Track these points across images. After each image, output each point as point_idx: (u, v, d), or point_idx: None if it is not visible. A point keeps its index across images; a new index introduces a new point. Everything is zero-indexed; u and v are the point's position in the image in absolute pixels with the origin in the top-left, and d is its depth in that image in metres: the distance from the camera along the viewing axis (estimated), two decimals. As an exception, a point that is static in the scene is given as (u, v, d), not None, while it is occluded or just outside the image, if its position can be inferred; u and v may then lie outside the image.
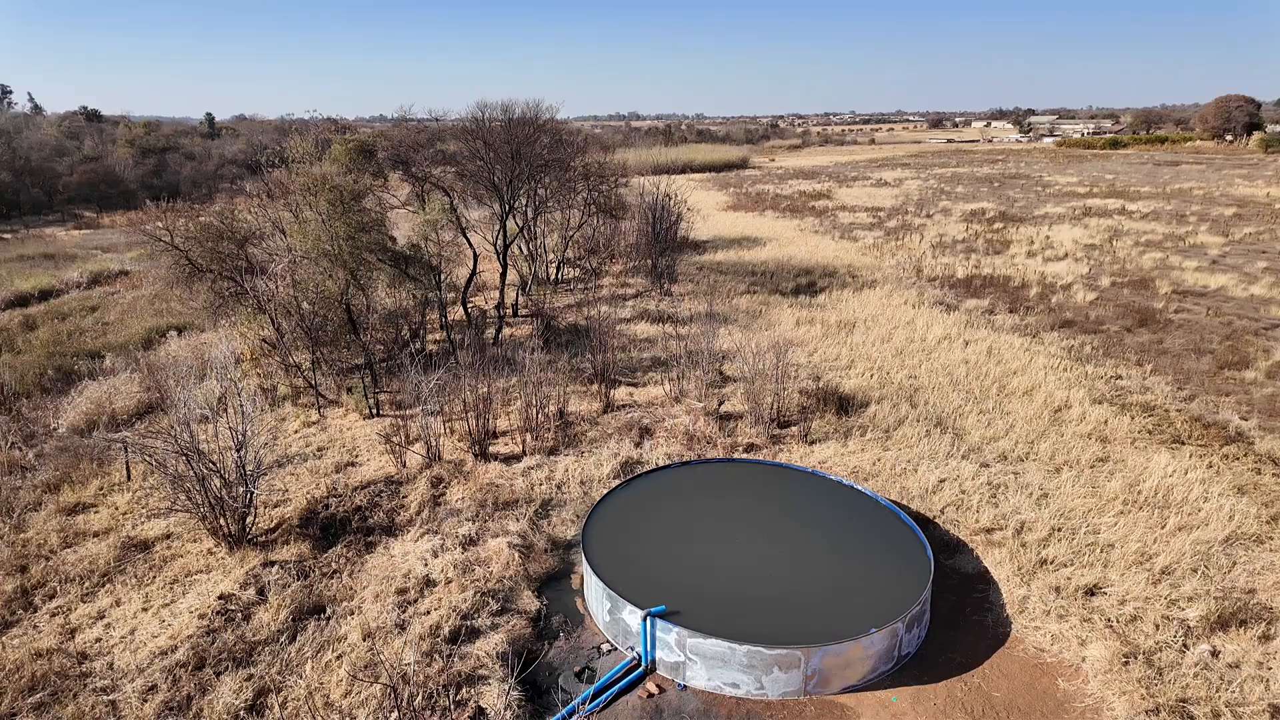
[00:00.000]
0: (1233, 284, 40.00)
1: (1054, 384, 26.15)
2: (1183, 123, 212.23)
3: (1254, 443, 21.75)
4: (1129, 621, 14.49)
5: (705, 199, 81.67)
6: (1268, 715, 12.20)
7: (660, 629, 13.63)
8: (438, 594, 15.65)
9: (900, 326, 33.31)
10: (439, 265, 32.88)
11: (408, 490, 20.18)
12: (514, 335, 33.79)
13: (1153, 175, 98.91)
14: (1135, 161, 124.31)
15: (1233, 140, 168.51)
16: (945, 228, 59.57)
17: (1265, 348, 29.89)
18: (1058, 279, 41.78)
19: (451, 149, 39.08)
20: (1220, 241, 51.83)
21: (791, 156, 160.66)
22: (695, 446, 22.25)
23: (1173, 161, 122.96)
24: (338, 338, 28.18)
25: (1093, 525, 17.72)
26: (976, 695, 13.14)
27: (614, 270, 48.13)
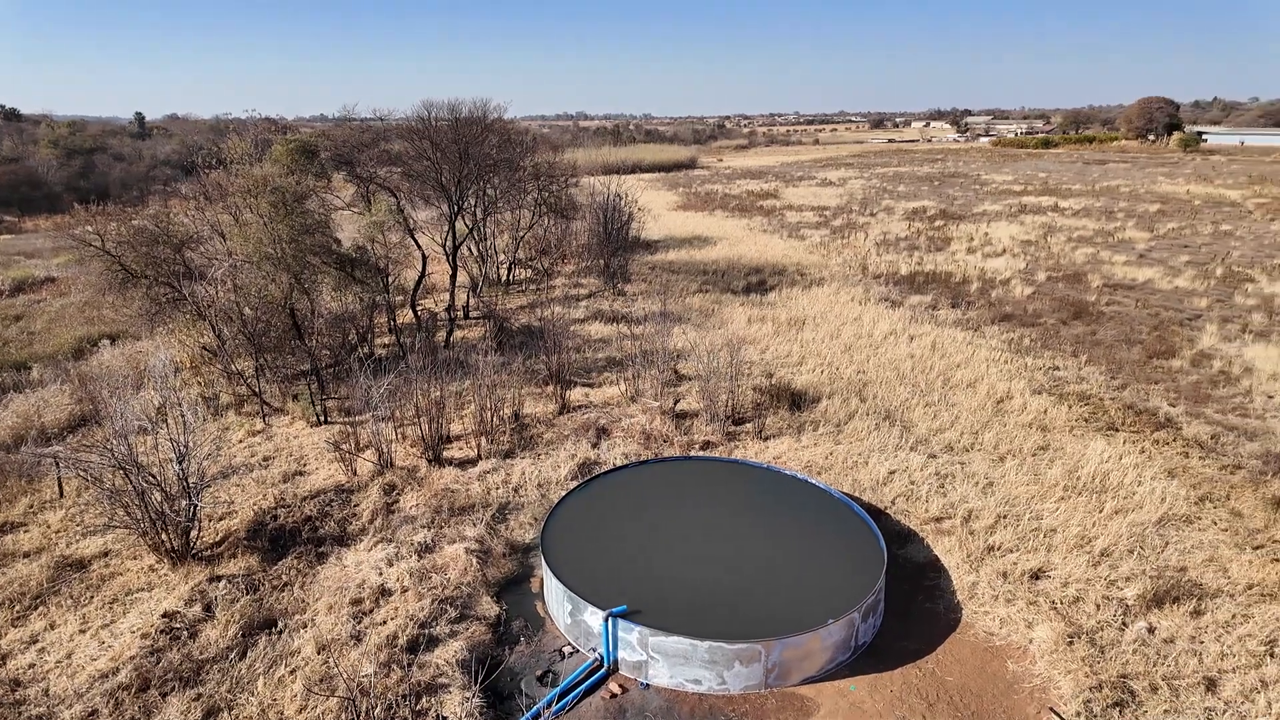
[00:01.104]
0: (1159, 277, 41.96)
1: (995, 376, 27.03)
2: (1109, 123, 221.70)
3: (1181, 428, 22.86)
4: (1072, 603, 15.08)
5: (655, 199, 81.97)
6: (1202, 687, 12.85)
7: (622, 629, 13.64)
8: (394, 603, 15.36)
9: (848, 323, 33.99)
10: (386, 267, 32.27)
11: (359, 498, 19.75)
12: (466, 338, 33.36)
13: (1082, 174, 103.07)
14: (1066, 160, 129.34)
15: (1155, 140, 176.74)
16: (889, 226, 61.01)
17: (1189, 337, 31.44)
18: (997, 274, 43.19)
19: (397, 149, 38.33)
20: (1146, 237, 54.30)
21: (739, 157, 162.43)
22: (652, 445, 22.32)
23: (1100, 160, 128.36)
24: (282, 343, 27.39)
25: (1036, 511, 18.37)
26: (931, 680, 13.51)
27: (566, 271, 47.94)
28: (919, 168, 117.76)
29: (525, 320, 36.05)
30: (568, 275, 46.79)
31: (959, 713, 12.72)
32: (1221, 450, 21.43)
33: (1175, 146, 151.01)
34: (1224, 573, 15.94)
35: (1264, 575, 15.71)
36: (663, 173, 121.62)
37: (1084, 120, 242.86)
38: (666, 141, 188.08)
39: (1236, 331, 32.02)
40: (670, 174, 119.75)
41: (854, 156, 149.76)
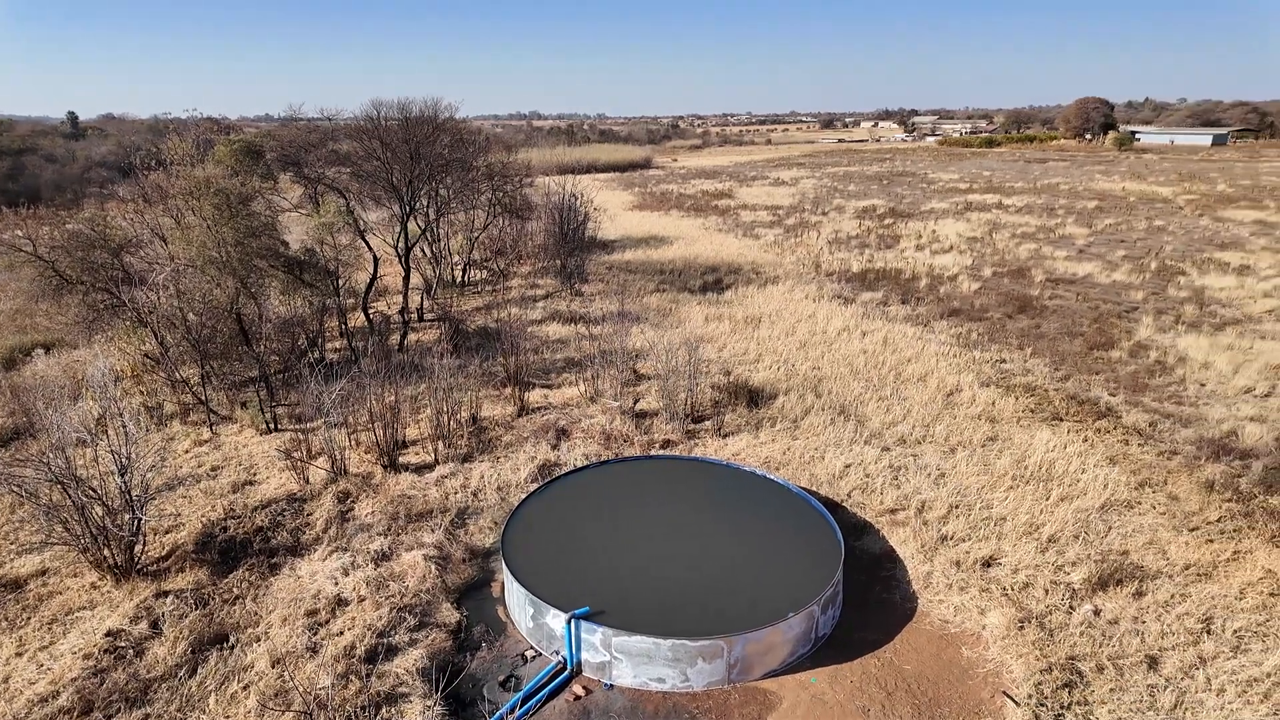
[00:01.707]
0: (1098, 271, 43.52)
1: (945, 369, 27.71)
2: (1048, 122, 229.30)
3: (1121, 416, 23.75)
4: (1022, 589, 15.54)
5: (611, 199, 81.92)
6: (1145, 665, 13.37)
7: (585, 630, 13.60)
8: (351, 613, 15.05)
9: (803, 320, 34.47)
10: (337, 270, 31.60)
11: (313, 507, 19.30)
12: (420, 340, 32.87)
13: (1024, 172, 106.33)
14: (1009, 159, 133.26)
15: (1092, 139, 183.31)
16: (840, 224, 62.04)
17: (1127, 329, 32.69)
18: (945, 270, 44.27)
19: (346, 149, 37.56)
20: (1085, 232, 56.27)
21: (693, 156, 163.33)
22: (613, 445, 22.30)
23: (1041, 159, 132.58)
24: (229, 349, 26.61)
25: (986, 501, 18.89)
26: (889, 669, 13.78)
27: (522, 271, 47.58)
28: (868, 167, 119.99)
29: (481, 322, 35.68)
30: (524, 276, 46.46)
31: (917, 700, 13.01)
32: (1159, 437, 22.32)
33: (1111, 145, 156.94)
34: (1163, 555, 16.61)
35: (1199, 556, 16.42)
36: (618, 172, 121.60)
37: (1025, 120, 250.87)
38: (621, 141, 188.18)
39: (1170, 323, 33.39)
40: (625, 174, 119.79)
41: (805, 156, 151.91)
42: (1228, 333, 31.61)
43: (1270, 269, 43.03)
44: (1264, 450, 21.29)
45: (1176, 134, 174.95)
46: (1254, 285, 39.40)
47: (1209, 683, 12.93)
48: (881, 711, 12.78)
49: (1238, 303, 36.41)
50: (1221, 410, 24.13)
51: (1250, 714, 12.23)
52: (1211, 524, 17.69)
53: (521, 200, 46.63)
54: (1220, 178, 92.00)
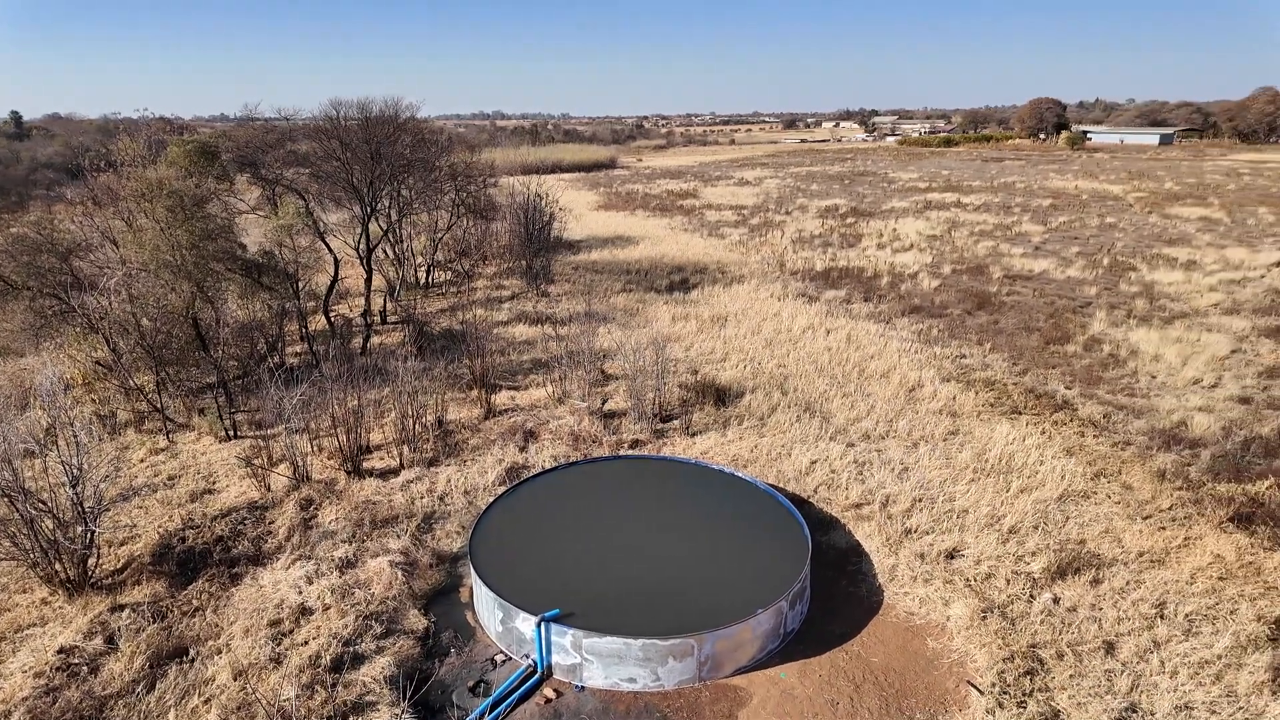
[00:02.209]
0: (1053, 267, 44.64)
1: (907, 365, 28.17)
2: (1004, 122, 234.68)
3: (1077, 409, 24.39)
4: (984, 579, 15.87)
5: (577, 199, 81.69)
6: (1102, 651, 13.75)
7: (555, 632, 13.54)
8: (315, 622, 14.78)
9: (768, 318, 34.76)
10: (296, 272, 31.01)
11: (274, 515, 18.91)
12: (384, 343, 32.41)
13: (981, 171, 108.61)
14: (966, 158, 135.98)
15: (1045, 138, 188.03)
16: (803, 224, 62.71)
17: (1082, 324, 33.59)
18: (905, 268, 45.01)
19: (304, 149, 36.89)
20: (1041, 230, 57.67)
21: (658, 156, 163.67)
22: (581, 446, 22.24)
23: (997, 158, 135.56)
24: (185, 355, 25.94)
25: (949, 494, 19.25)
26: (857, 662, 13.96)
27: (487, 272, 47.21)
28: (830, 167, 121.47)
29: (446, 324, 35.31)
30: (489, 277, 46.10)
31: (884, 692, 13.20)
32: (1113, 428, 22.97)
33: (1064, 145, 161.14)
34: (1118, 543, 17.10)
35: (1153, 543, 16.94)
36: (583, 172, 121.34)
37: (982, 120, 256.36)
38: (586, 141, 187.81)
39: (1122, 317, 34.39)
40: (590, 174, 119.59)
41: (769, 156, 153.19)
42: (1176, 326, 32.66)
43: (1215, 264, 44.56)
44: (1211, 439, 22.04)
45: (1126, 133, 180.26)
46: (1200, 280, 40.77)
47: (1163, 666, 13.34)
48: (850, 704, 12.94)
49: (1185, 297, 37.64)
50: (1171, 401, 24.93)
51: (1202, 695, 12.64)
52: (1163, 512, 18.26)
53: (485, 201, 46.30)
54: (1167, 176, 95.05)
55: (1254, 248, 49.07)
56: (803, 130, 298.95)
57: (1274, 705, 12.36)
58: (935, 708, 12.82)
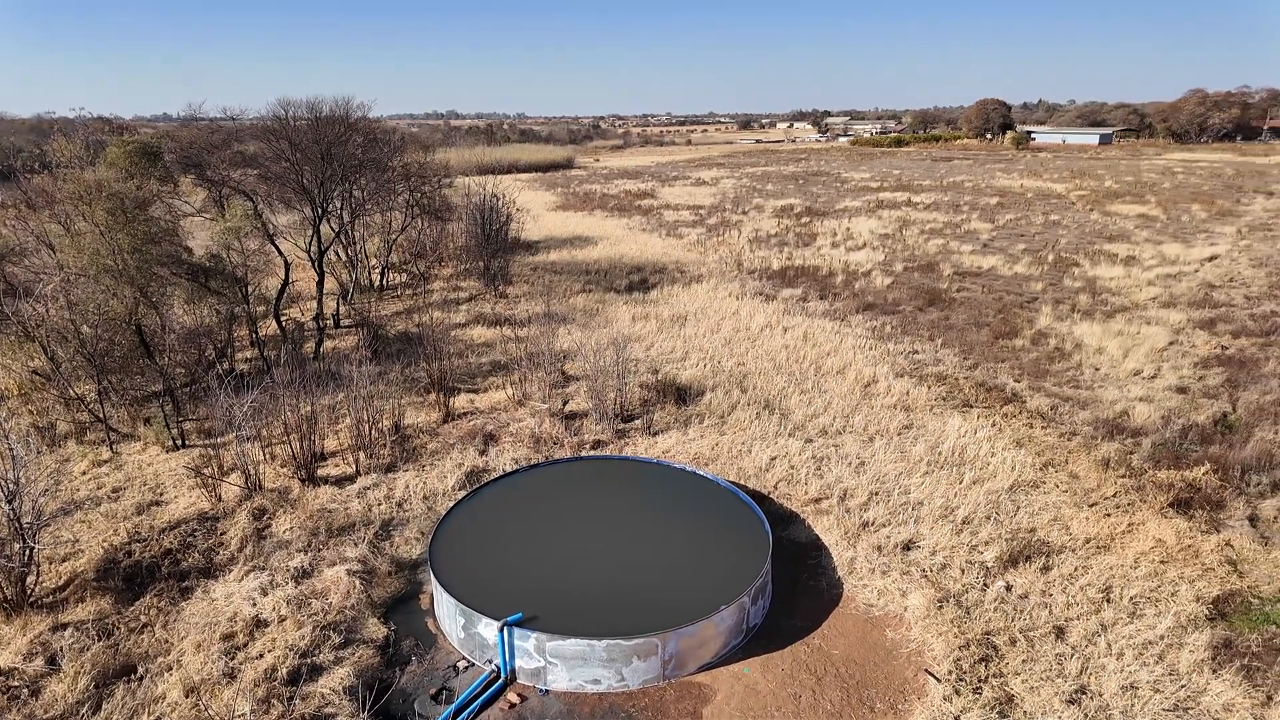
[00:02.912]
0: (1000, 264, 45.89)
1: (862, 362, 28.67)
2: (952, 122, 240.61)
3: (1026, 401, 25.12)
4: (940, 569, 16.24)
5: (534, 199, 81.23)
6: (1053, 636, 14.19)
7: (518, 637, 13.44)
8: (271, 634, 14.43)
9: (727, 317, 35.04)
10: (245, 276, 30.23)
11: (226, 526, 18.40)
12: (338, 348, 31.78)
13: (931, 170, 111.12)
14: (916, 158, 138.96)
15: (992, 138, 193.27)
16: (760, 223, 63.36)
17: (1029, 318, 34.60)
18: (859, 266, 45.81)
19: (252, 150, 35.98)
20: (988, 228, 59.25)
21: (615, 157, 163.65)
22: (542, 448, 22.12)
23: (946, 158, 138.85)
24: (128, 363, 25.06)
25: (904, 487, 19.65)
26: (818, 655, 14.16)
27: (444, 274, 46.63)
28: (785, 167, 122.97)
29: (402, 327, 34.78)
30: (446, 279, 45.54)
31: (845, 683, 13.42)
32: (1060, 420, 23.72)
33: (1009, 145, 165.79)
34: (1066, 530, 17.66)
35: (1098, 530, 17.54)
36: (540, 173, 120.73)
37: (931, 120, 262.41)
38: (542, 141, 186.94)
39: (1067, 311, 35.53)
40: (548, 174, 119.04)
41: (725, 156, 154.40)
42: (1118, 320, 33.86)
43: (1153, 259, 46.34)
44: (1152, 428, 22.91)
45: (1068, 133, 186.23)
46: (1139, 275, 42.36)
47: (1110, 648, 13.83)
48: (812, 697, 13.12)
49: (1126, 291, 39.06)
50: (1114, 392, 25.84)
51: (1146, 675, 13.13)
52: (1108, 499, 18.91)
53: (441, 201, 45.74)
54: (1107, 175, 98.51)
55: (1188, 243, 51.16)
56: (758, 131, 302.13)
57: (1214, 683, 12.91)
58: (895, 697, 13.07)
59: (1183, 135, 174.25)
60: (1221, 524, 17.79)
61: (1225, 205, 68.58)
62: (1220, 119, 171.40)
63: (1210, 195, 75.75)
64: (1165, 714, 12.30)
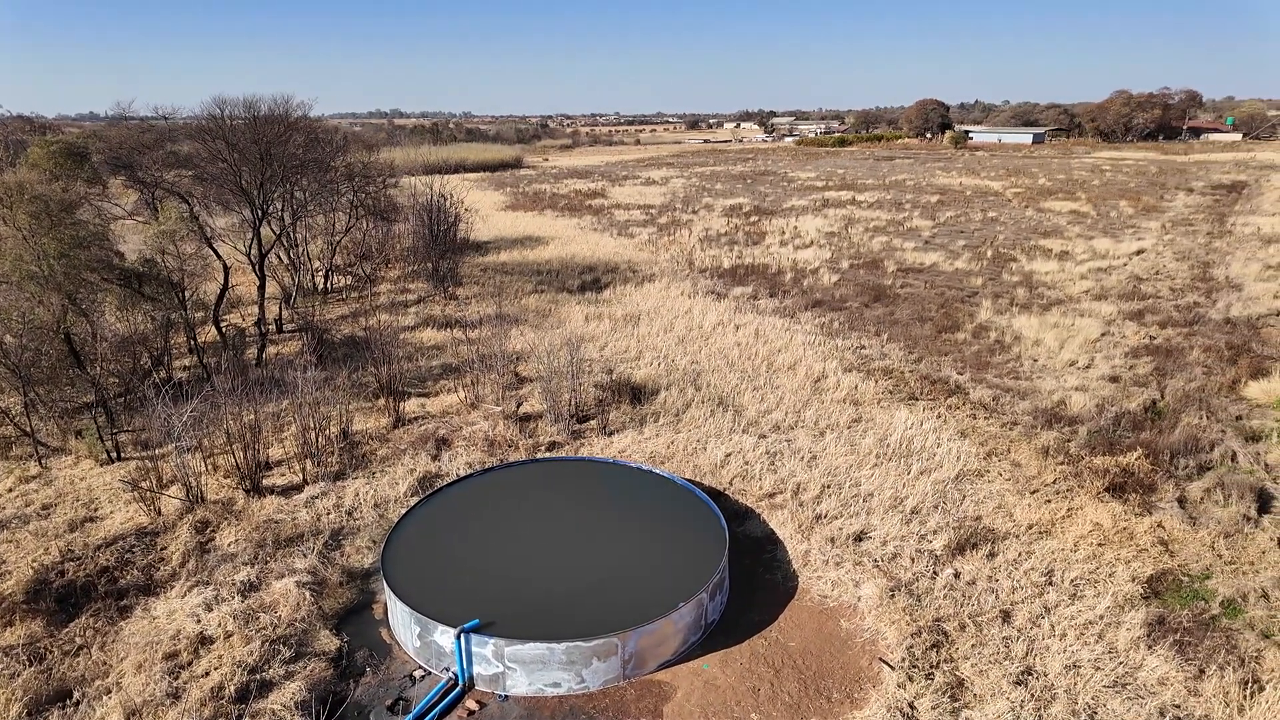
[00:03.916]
0: (942, 260, 47.20)
1: (812, 358, 29.15)
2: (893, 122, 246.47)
3: (969, 393, 25.88)
4: (891, 559, 16.62)
5: (483, 199, 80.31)
6: (1000, 620, 14.66)
7: (475, 643, 13.28)
8: (217, 651, 13.95)
9: (680, 316, 35.22)
10: (181, 281, 29.14)
11: (166, 540, 17.72)
12: (281, 353, 30.89)
13: (874, 169, 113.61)
14: (860, 158, 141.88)
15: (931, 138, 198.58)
16: (710, 222, 63.86)
17: (970, 313, 35.66)
18: (807, 264, 46.57)
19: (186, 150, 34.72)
20: (930, 225, 60.86)
21: (564, 156, 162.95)
22: (497, 451, 21.89)
23: (888, 157, 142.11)
24: (57, 373, 23.90)
25: (855, 479, 20.05)
26: (775, 648, 14.35)
27: (391, 276, 45.74)
28: (733, 166, 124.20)
29: (348, 330, 34.00)
30: (393, 281, 44.69)
31: (802, 675, 13.62)
32: (1001, 410, 24.51)
33: (948, 144, 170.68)
34: (1010, 517, 18.26)
35: (1040, 516, 18.18)
36: (488, 172, 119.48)
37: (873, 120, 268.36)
38: (490, 140, 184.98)
39: (1006, 305, 36.73)
40: (496, 173, 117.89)
41: (674, 156, 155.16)
42: (1053, 312, 35.15)
43: (1085, 254, 48.26)
44: (1087, 416, 23.86)
45: (1003, 133, 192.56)
46: (1072, 269, 44.07)
47: (1053, 629, 14.35)
48: (771, 689, 13.29)
49: (1060, 285, 40.58)
50: (1052, 383, 26.82)
51: (1088, 653, 13.67)
52: (1048, 486, 19.63)
53: (386, 201, 44.90)
54: (1041, 173, 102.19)
55: (1117, 238, 53.44)
56: (705, 131, 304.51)
57: (1149, 658, 13.51)
58: (851, 686, 13.33)
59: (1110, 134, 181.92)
60: (1153, 506, 18.63)
61: (1150, 201, 71.85)
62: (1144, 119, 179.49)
63: (1136, 192, 79.25)
64: (1106, 691, 12.82)
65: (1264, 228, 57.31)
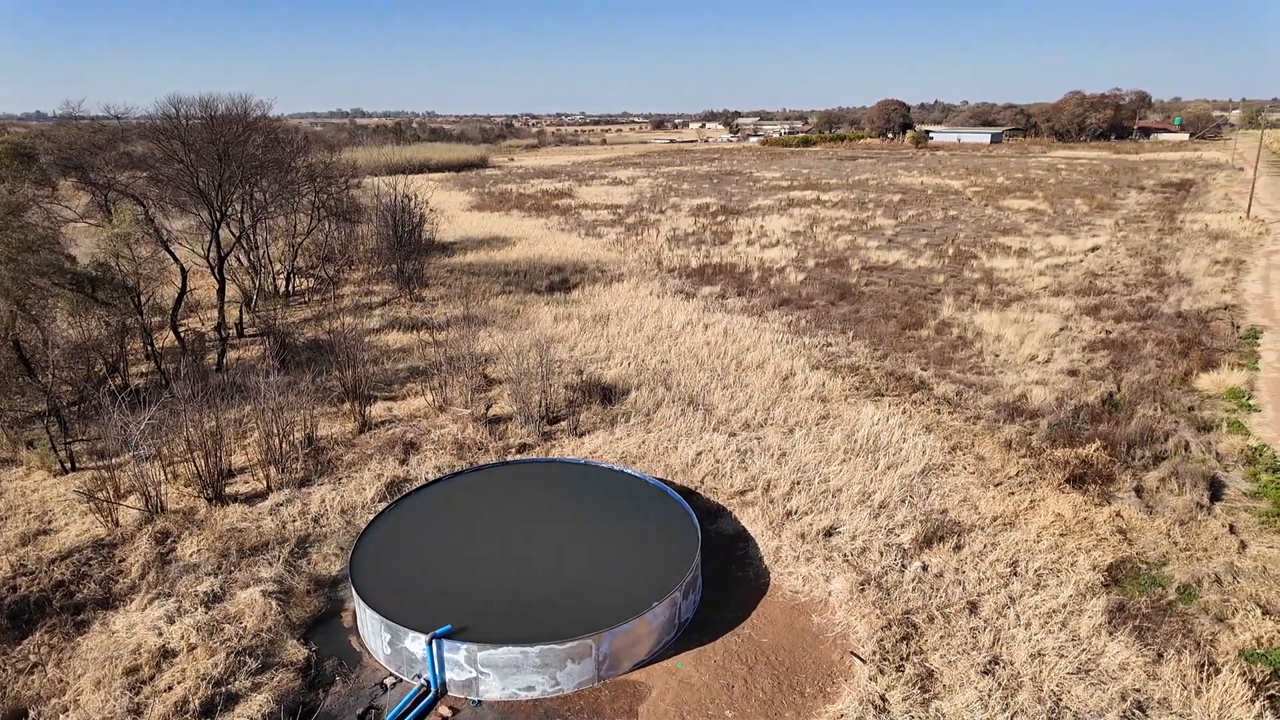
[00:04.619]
0: (905, 258, 47.95)
1: (780, 356, 29.40)
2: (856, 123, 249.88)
3: (933, 388, 26.33)
4: (860, 553, 16.83)
5: (448, 199, 79.52)
6: (967, 611, 14.93)
7: (448, 649, 13.13)
8: (180, 664, 13.60)
9: (649, 316, 35.26)
10: (137, 285, 28.37)
11: (125, 552, 17.22)
12: (242, 358, 30.23)
13: (838, 169, 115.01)
14: (823, 157, 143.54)
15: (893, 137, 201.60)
16: (677, 222, 64.05)
17: (933, 310, 36.28)
18: (774, 263, 46.96)
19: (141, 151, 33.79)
20: (893, 224, 61.79)
21: (530, 156, 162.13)
22: (466, 455, 21.68)
23: (851, 156, 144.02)
24: (6, 382, 23.10)
25: (824, 475, 20.26)
26: (748, 644, 14.44)
27: (354, 278, 45.05)
28: (699, 166, 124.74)
29: (312, 334, 33.41)
30: (357, 283, 44.02)
31: (775, 671, 13.73)
32: (964, 405, 24.97)
33: (909, 143, 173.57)
34: (975, 510, 18.62)
35: (1004, 508, 18.57)
36: (453, 172, 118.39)
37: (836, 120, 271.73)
38: (454, 140, 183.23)
39: (967, 302, 37.45)
40: (461, 173, 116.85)
41: (640, 156, 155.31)
42: (1014, 308, 35.94)
43: (1043, 251, 49.42)
44: (1048, 410, 24.42)
45: (962, 132, 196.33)
46: (1031, 265, 45.09)
47: (1018, 619, 14.66)
48: (745, 686, 13.36)
49: (1019, 281, 41.50)
50: (1013, 377, 27.41)
51: (1052, 641, 13.99)
52: (1011, 478, 20.05)
53: (349, 202, 44.21)
54: (999, 172, 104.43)
55: (1073, 235, 54.83)
56: (671, 131, 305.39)
57: (1111, 644, 13.87)
58: (823, 680, 13.47)
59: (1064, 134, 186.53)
60: (1112, 496, 19.15)
61: (1104, 200, 73.84)
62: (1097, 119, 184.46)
63: (1090, 190, 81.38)
64: (1070, 677, 13.13)
65: (1211, 224, 59.31)
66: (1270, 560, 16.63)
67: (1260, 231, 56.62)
